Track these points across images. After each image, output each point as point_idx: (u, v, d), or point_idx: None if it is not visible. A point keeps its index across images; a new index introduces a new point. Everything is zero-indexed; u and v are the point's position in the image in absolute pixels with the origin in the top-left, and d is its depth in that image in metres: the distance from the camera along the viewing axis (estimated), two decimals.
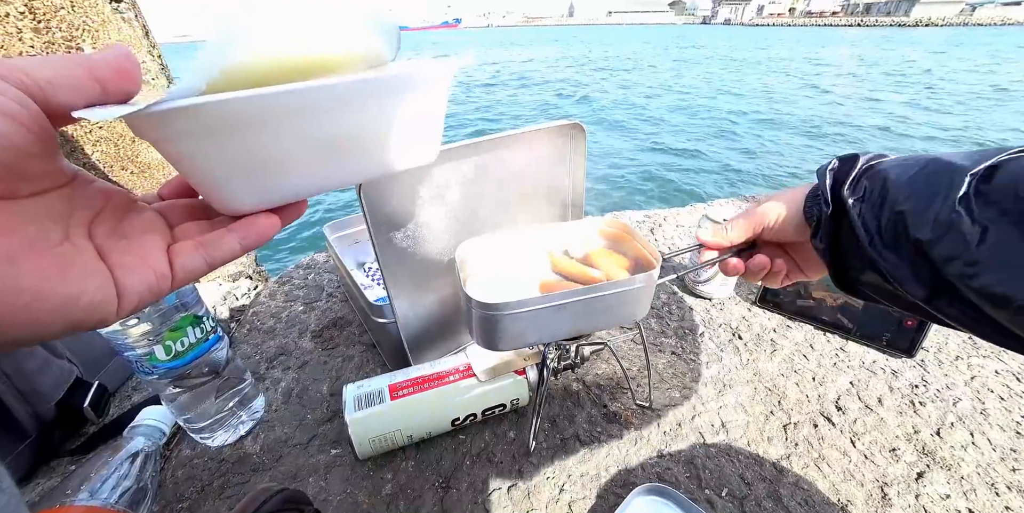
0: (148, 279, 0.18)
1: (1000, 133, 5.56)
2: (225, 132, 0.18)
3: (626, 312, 0.40)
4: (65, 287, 0.16)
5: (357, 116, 0.21)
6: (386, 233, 0.47)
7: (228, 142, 0.18)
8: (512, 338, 0.38)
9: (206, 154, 0.18)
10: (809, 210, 0.33)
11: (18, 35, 0.64)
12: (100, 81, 0.16)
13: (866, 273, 0.30)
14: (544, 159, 0.56)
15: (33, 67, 0.15)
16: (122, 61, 0.17)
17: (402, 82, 0.21)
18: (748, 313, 0.71)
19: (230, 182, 0.20)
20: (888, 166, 0.29)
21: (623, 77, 10.73)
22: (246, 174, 0.20)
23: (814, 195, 0.33)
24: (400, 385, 0.49)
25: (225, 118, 0.17)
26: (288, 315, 0.72)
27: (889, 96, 7.81)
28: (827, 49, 20.71)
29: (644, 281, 0.37)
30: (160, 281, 0.19)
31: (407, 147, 0.24)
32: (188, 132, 0.17)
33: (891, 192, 0.28)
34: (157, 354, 0.43)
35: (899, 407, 0.54)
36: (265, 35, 0.19)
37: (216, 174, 0.19)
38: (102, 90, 0.16)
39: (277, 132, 0.19)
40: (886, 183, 0.28)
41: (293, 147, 0.20)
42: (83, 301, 0.17)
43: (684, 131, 5.73)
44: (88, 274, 0.17)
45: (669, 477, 0.47)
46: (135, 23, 0.78)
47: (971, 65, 12.28)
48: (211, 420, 0.49)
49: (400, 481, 0.47)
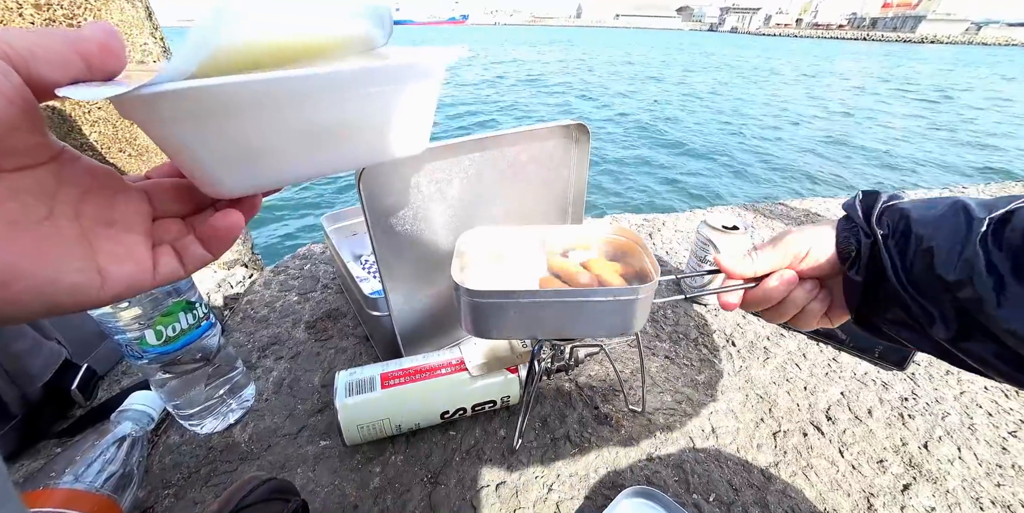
0: (132, 271, 0.18)
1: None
2: (216, 117, 0.17)
3: (615, 322, 0.38)
4: (43, 266, 0.16)
5: (351, 105, 0.21)
6: (384, 227, 0.47)
7: (218, 127, 0.18)
8: (495, 328, 0.38)
9: (195, 138, 0.18)
10: (844, 241, 0.32)
11: (18, 10, 0.63)
12: (84, 56, 0.16)
13: (891, 310, 0.29)
14: (547, 158, 0.56)
15: (15, 38, 0.15)
16: (108, 37, 0.17)
17: (396, 72, 0.21)
18: (742, 320, 0.71)
19: (218, 167, 0.19)
20: (908, 206, 0.30)
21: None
22: (234, 160, 0.19)
23: (848, 226, 0.32)
24: (392, 374, 0.49)
25: (216, 103, 0.17)
26: (282, 305, 0.72)
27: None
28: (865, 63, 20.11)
29: (633, 293, 0.35)
30: (142, 274, 0.19)
31: (398, 136, 0.24)
32: (177, 116, 0.17)
33: (915, 230, 0.28)
34: (148, 338, 0.42)
35: (888, 419, 0.55)
36: (259, 16, 0.18)
37: (204, 159, 0.19)
38: (86, 66, 0.16)
39: (270, 119, 0.19)
40: (908, 221, 0.28)
41: (284, 134, 0.20)
42: (63, 282, 0.16)
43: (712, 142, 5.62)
44: (69, 255, 0.17)
45: (658, 480, 0.47)
46: (138, 3, 0.76)
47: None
48: (200, 407, 0.48)
49: (388, 475, 0.46)
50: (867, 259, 0.30)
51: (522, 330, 0.39)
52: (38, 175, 0.17)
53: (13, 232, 0.15)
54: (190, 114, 0.17)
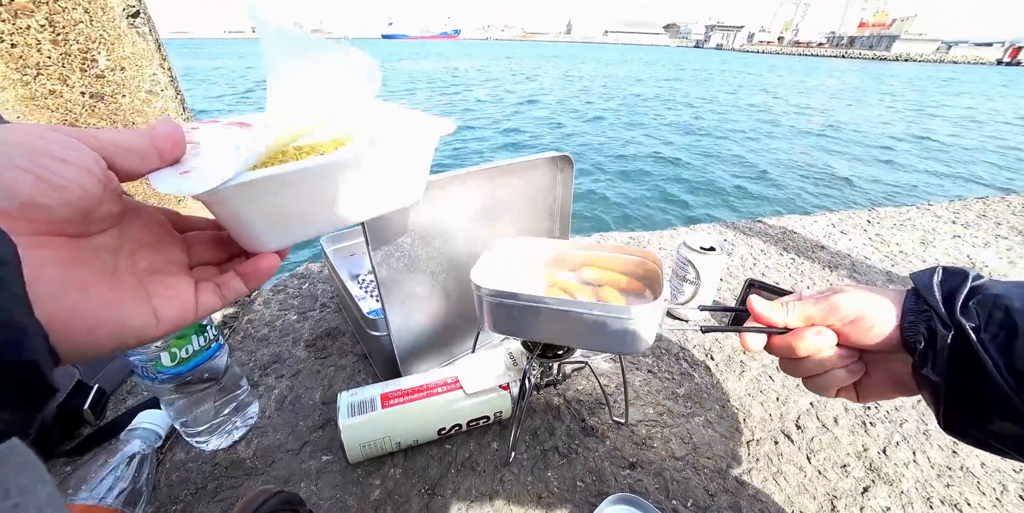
0: (179, 310, 0.22)
1: None
2: (269, 195, 0.23)
3: (610, 339, 0.39)
4: (120, 314, 0.19)
5: (363, 176, 0.27)
6: (385, 253, 0.50)
7: (269, 202, 0.23)
8: (500, 324, 0.43)
9: (251, 212, 0.23)
10: (912, 328, 0.27)
11: (37, 46, 0.67)
12: (160, 150, 0.21)
13: (995, 421, 0.24)
14: (534, 187, 0.61)
15: (102, 135, 0.19)
16: (175, 132, 0.21)
17: (394, 152, 0.28)
18: (721, 335, 0.76)
19: (263, 231, 0.24)
20: (1004, 291, 0.25)
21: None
22: (276, 225, 0.24)
23: (918, 309, 0.27)
24: (391, 394, 0.52)
25: (274, 185, 0.22)
26: (282, 324, 0.75)
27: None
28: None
29: (625, 313, 0.36)
30: (187, 313, 0.23)
31: (401, 192, 0.31)
32: (242, 198, 0.22)
33: (1022, 326, 0.23)
34: (163, 360, 0.45)
35: (852, 427, 0.59)
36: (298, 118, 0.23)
37: (255, 227, 0.24)
38: (159, 156, 0.21)
39: (307, 192, 0.24)
40: (1011, 313, 0.24)
41: (315, 202, 0.25)
42: (131, 325, 0.20)
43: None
44: (133, 302, 0.20)
45: (640, 488, 0.50)
46: (148, 37, 0.81)
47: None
48: (208, 425, 0.51)
49: (388, 487, 0.49)
50: (947, 355, 0.25)
51: (527, 330, 0.43)
52: (111, 234, 0.21)
53: (98, 286, 0.19)
54: (251, 196, 0.22)
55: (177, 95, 0.87)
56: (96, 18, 0.71)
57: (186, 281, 0.23)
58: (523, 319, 0.41)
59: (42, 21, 0.66)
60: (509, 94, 11.21)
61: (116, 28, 0.74)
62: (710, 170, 5.19)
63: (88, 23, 0.70)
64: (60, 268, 0.17)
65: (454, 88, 12.15)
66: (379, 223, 0.48)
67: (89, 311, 0.18)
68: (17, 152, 0.16)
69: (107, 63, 0.74)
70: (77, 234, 0.19)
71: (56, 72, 0.70)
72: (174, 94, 0.86)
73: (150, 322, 0.21)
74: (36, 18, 0.65)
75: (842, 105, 11.35)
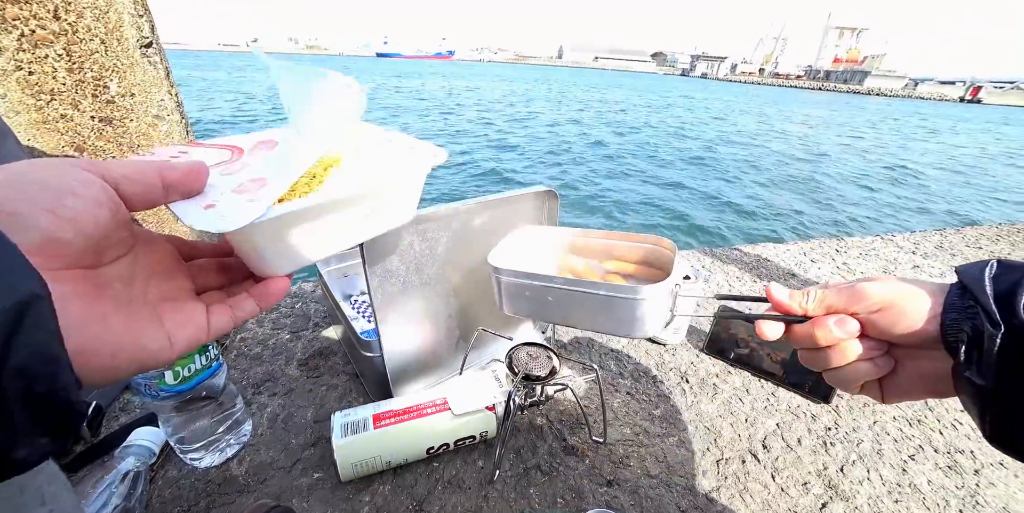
0: (192, 332, 0.24)
1: None
2: (288, 226, 0.26)
3: (621, 320, 0.39)
4: (138, 340, 0.21)
5: (365, 205, 0.31)
6: (381, 279, 0.54)
7: (287, 232, 0.26)
8: (512, 304, 0.46)
9: (268, 243, 0.26)
10: (954, 325, 0.25)
11: (53, 74, 0.71)
12: (165, 181, 0.22)
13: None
14: (521, 219, 0.65)
15: (113, 165, 0.20)
16: (194, 166, 0.24)
17: (392, 184, 0.32)
18: (696, 359, 0.80)
19: (276, 259, 0.27)
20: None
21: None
22: (288, 253, 0.28)
23: (963, 304, 0.25)
24: (383, 415, 0.54)
25: (293, 218, 0.26)
26: (275, 343, 0.77)
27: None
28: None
29: (634, 292, 0.36)
30: (199, 335, 0.24)
31: (396, 215, 0.35)
32: (266, 230, 0.25)
33: None
34: (166, 378, 0.47)
35: (814, 447, 0.63)
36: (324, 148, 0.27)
37: (269, 255, 0.27)
38: (164, 187, 0.22)
39: (322, 221, 0.28)
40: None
41: (325, 229, 0.29)
42: (149, 350, 0.21)
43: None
44: (149, 328, 0.22)
45: (616, 504, 0.53)
46: (159, 65, 0.85)
47: None
48: (203, 442, 0.53)
49: (377, 504, 0.51)
50: (996, 357, 0.23)
51: (540, 310, 0.46)
52: (124, 263, 0.22)
53: (115, 316, 0.20)
54: (274, 228, 0.25)
55: (182, 119, 0.90)
56: (111, 48, 0.75)
57: (196, 306, 0.25)
58: (537, 299, 0.44)
59: (60, 50, 0.70)
60: (501, 115, 11.46)
61: (129, 57, 0.78)
62: (713, 188, 5.35)
63: (103, 53, 0.74)
64: (82, 302, 0.18)
65: (448, 107, 12.36)
66: (377, 251, 0.52)
67: (109, 339, 0.19)
68: (36, 189, 0.17)
69: (118, 89, 0.78)
70: (92, 265, 0.20)
71: (69, 98, 0.73)
72: (179, 118, 0.90)
73: (165, 345, 0.22)
74: (54, 48, 0.69)
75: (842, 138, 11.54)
